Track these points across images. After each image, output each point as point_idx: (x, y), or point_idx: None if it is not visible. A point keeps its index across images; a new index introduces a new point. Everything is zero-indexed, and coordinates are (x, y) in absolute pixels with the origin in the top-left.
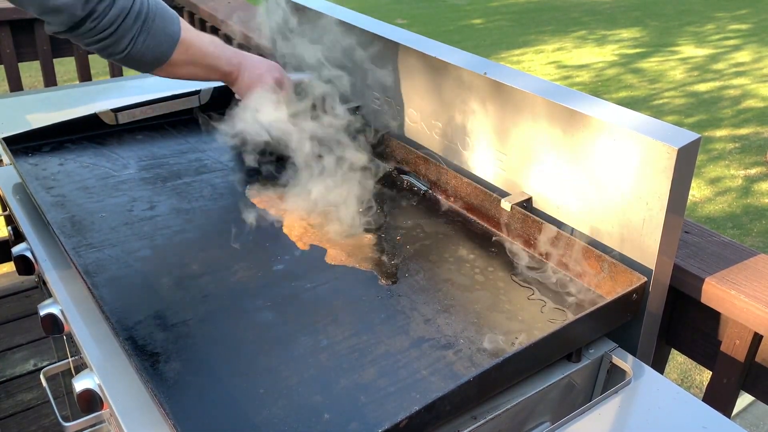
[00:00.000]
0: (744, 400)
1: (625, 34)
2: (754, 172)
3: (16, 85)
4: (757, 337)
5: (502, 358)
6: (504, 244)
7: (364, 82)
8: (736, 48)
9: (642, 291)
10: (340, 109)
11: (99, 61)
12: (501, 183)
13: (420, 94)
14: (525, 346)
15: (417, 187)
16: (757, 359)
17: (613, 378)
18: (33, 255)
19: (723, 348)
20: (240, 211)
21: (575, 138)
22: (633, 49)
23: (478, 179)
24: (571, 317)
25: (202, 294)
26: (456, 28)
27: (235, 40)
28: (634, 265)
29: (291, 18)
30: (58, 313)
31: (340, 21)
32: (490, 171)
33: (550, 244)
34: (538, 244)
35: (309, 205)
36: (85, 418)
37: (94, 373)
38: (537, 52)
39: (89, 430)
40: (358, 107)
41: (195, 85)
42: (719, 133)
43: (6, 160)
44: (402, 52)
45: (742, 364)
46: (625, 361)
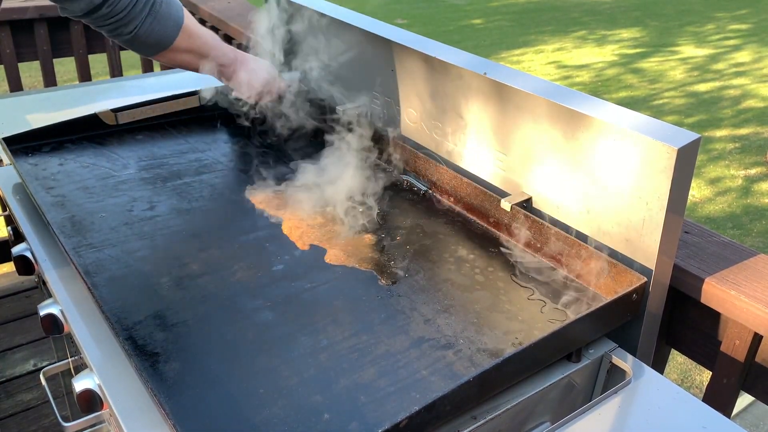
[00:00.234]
0: (744, 400)
1: (625, 34)
2: (754, 172)
3: (16, 85)
4: (757, 337)
5: (502, 358)
6: (504, 244)
7: (363, 82)
8: (736, 48)
9: (642, 291)
10: (339, 109)
11: (99, 61)
12: (501, 183)
13: (420, 94)
14: (525, 346)
15: (417, 187)
16: (757, 359)
17: (613, 378)
18: (33, 255)
19: (723, 348)
20: (240, 211)
21: (575, 138)
22: (633, 49)
23: (478, 179)
24: (571, 317)
25: (201, 294)
26: (456, 28)
27: (235, 40)
28: (634, 265)
29: (291, 18)
30: (58, 313)
31: (340, 21)
32: (490, 171)
33: (550, 244)
34: (537, 244)
35: (309, 205)
36: (85, 418)
37: (94, 373)
38: (537, 52)
39: (89, 430)
40: (358, 107)
41: (196, 85)
42: (719, 133)
43: (6, 160)
44: (402, 52)
45: (742, 364)
46: (625, 361)
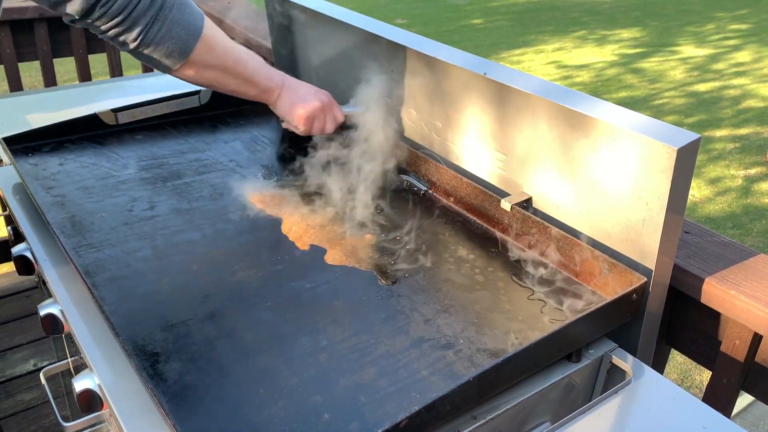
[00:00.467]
0: (744, 400)
1: (625, 34)
2: (754, 172)
3: (16, 85)
4: (757, 337)
5: (501, 358)
6: (504, 244)
7: (363, 82)
8: (736, 48)
9: (642, 291)
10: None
11: (99, 61)
12: (501, 183)
13: (420, 94)
14: (525, 346)
15: (417, 187)
16: (757, 359)
17: (613, 378)
18: (33, 255)
19: (723, 348)
20: (240, 211)
21: (575, 138)
22: (633, 49)
23: (478, 179)
24: (571, 317)
25: (202, 294)
26: (456, 28)
27: (235, 40)
28: (634, 265)
29: (291, 18)
30: (58, 313)
31: (339, 21)
32: (490, 171)
33: (550, 245)
34: (537, 244)
35: (309, 205)
36: (85, 418)
37: (94, 373)
38: (537, 52)
39: (89, 430)
40: (358, 107)
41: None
42: (719, 133)
43: (6, 160)
44: (402, 52)
45: (742, 364)
46: (625, 361)
